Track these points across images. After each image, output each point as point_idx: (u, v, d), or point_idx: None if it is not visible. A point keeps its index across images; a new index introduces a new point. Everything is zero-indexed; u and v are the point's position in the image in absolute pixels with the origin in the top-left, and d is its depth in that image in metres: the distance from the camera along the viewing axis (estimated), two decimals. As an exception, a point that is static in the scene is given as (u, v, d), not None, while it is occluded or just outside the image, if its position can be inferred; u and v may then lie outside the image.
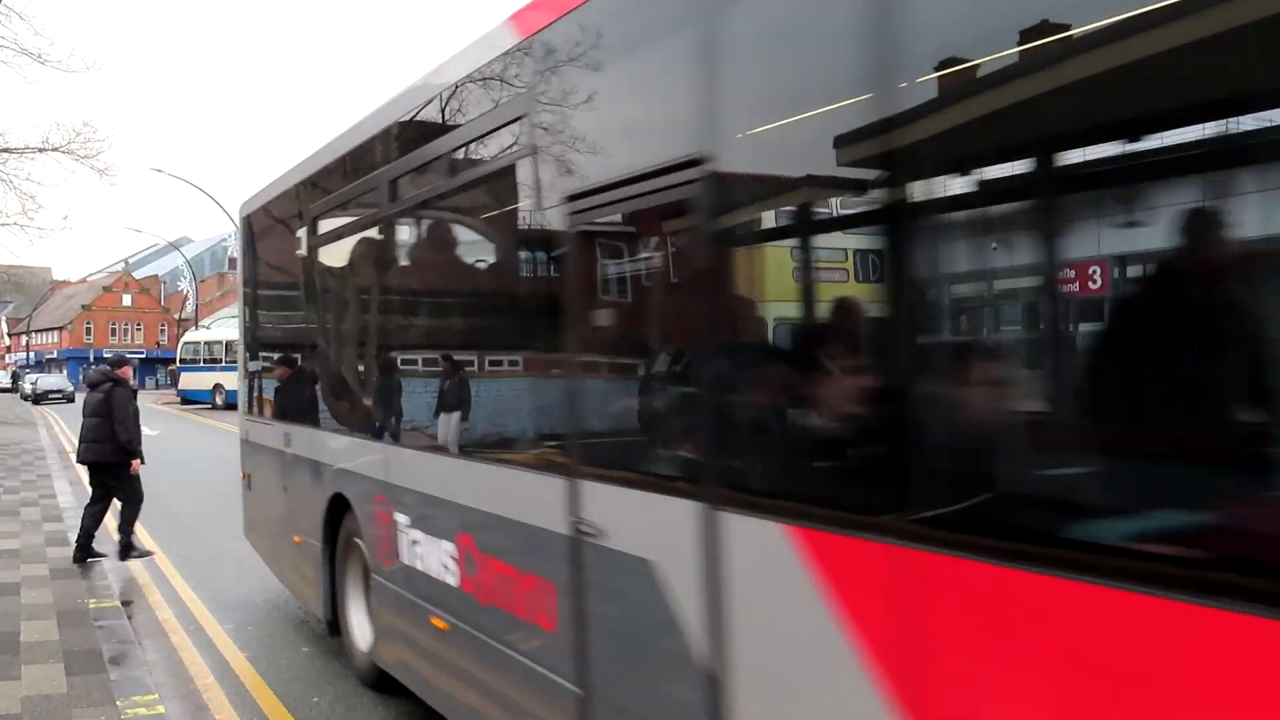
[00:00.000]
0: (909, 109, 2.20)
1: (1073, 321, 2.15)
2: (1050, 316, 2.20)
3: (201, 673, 6.02)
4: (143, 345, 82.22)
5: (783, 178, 2.72)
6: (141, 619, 7.36)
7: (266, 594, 8.07)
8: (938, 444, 2.16)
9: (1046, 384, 2.19)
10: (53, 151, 23.73)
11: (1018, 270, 2.30)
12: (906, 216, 2.25)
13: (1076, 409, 2.06)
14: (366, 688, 5.61)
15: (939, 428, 2.16)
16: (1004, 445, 2.11)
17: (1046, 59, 1.95)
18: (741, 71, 2.70)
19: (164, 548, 10.14)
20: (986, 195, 2.22)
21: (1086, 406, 2.02)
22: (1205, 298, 1.81)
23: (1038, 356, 2.27)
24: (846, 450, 2.55)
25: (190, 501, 13.59)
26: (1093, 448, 1.92)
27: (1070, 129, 1.97)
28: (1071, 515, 1.92)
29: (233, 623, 7.17)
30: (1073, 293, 2.04)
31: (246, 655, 6.36)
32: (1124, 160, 1.95)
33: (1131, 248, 1.99)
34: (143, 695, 5.42)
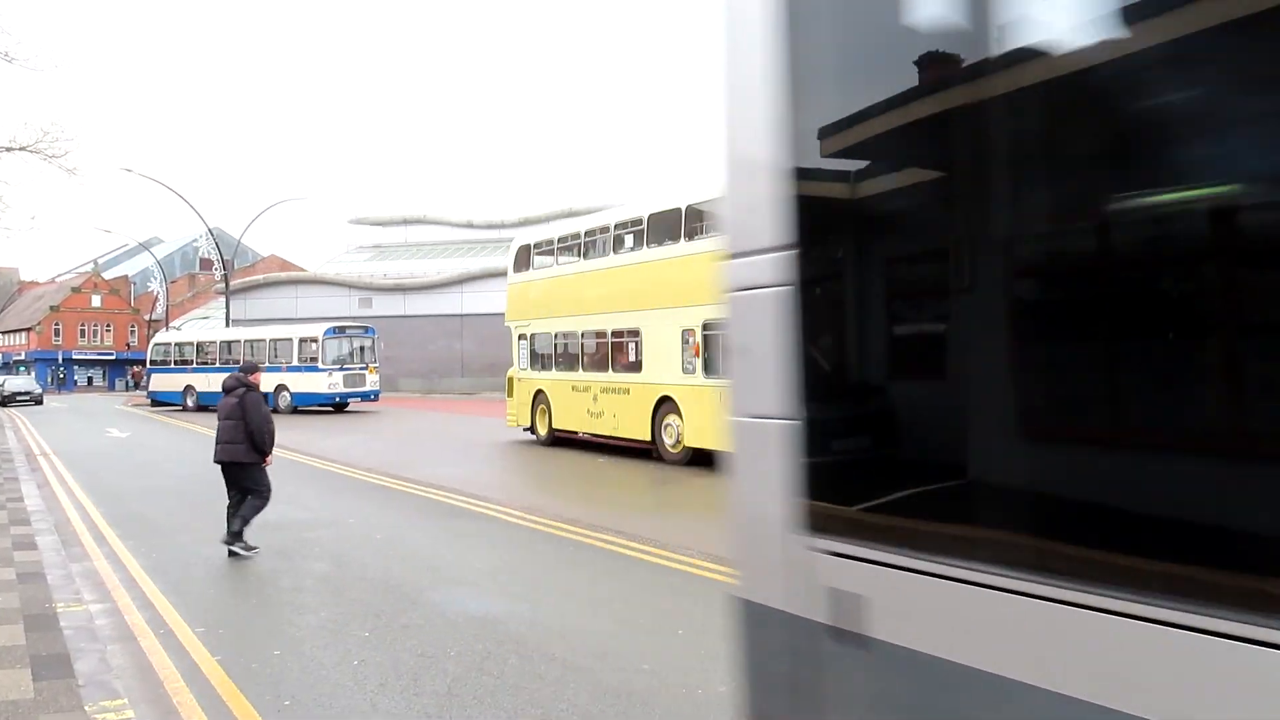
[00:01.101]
0: None
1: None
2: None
3: (171, 676, 5.95)
4: (112, 347, 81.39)
5: None
6: (110, 623, 7.27)
7: (238, 596, 8.01)
8: None
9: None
10: (20, 151, 23.46)
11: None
12: None
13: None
14: (341, 686, 5.59)
15: None
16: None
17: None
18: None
19: (133, 551, 10.04)
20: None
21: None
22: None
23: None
24: None
25: (160, 504, 13.45)
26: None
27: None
28: None
29: (204, 626, 7.09)
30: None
31: (218, 659, 6.29)
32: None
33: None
34: (111, 700, 5.35)
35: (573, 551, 9.80)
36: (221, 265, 51.63)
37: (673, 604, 7.66)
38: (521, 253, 22.81)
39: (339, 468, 17.49)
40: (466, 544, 10.34)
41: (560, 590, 8.15)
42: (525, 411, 22.19)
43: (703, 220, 16.41)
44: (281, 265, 76.03)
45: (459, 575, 8.78)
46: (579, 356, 20.15)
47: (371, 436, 25.37)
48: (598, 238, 19.61)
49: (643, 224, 17.83)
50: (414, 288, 55.55)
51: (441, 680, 5.78)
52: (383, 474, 16.28)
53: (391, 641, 6.61)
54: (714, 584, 8.24)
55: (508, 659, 6.15)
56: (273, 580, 8.63)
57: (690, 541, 9.97)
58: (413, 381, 52.42)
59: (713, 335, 15.59)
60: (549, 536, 10.59)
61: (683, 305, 16.31)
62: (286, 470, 17.59)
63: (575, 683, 5.69)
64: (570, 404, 20.24)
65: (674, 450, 16.63)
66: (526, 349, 22.27)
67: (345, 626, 7.05)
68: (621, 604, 7.74)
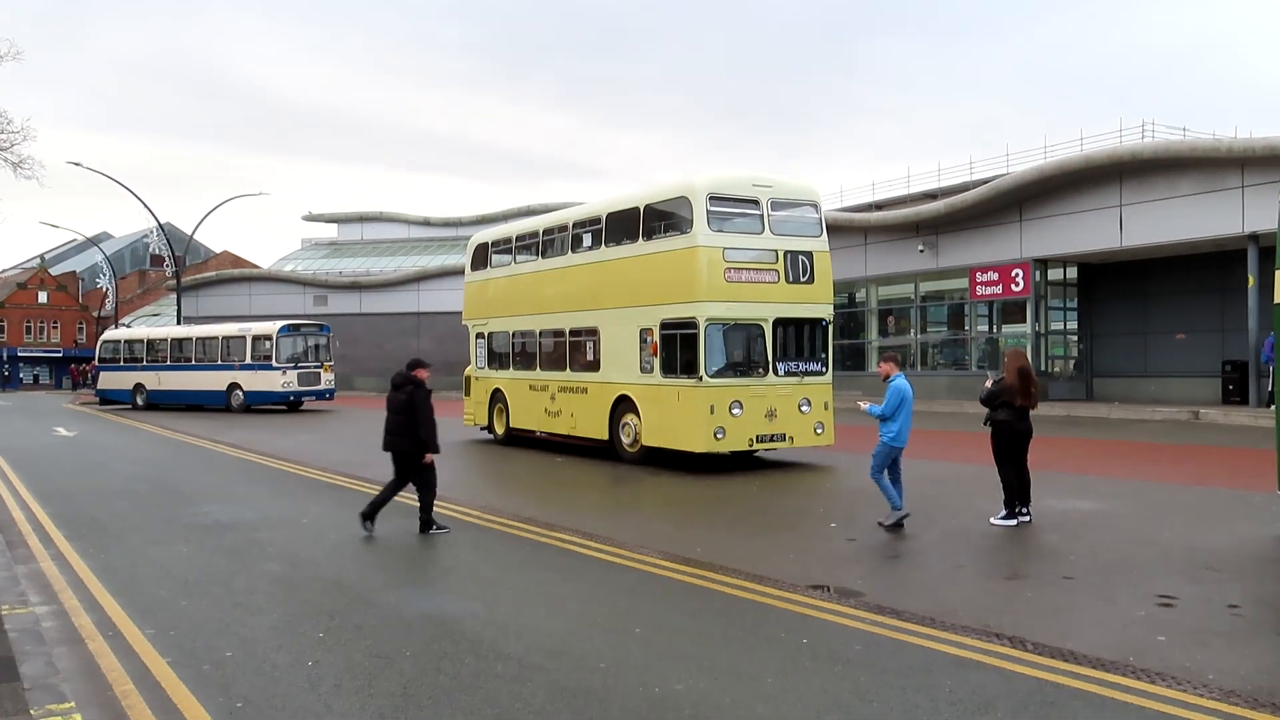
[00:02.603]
0: None
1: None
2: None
3: (120, 679, 5.86)
4: (59, 344, 79.86)
5: None
6: (57, 625, 7.14)
7: (189, 598, 7.90)
8: None
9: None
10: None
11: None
12: None
13: None
14: (293, 686, 5.53)
15: None
16: None
17: None
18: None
19: (81, 552, 9.86)
20: None
21: None
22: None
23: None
24: None
25: (109, 505, 13.24)
26: None
27: None
28: None
29: (154, 628, 6.99)
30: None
31: (168, 660, 6.20)
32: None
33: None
34: (59, 704, 5.26)
35: (529, 551, 9.78)
36: (173, 261, 50.85)
37: (630, 603, 7.67)
38: (479, 251, 22.72)
39: (293, 467, 17.31)
40: (422, 543, 10.28)
41: (517, 590, 8.13)
42: (482, 410, 22.11)
43: (661, 220, 16.44)
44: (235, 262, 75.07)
45: (415, 575, 8.73)
46: (537, 355, 20.11)
47: (326, 435, 25.13)
48: (556, 236, 19.58)
49: (601, 223, 17.83)
50: (370, 286, 55.10)
51: (397, 681, 5.75)
52: (337, 473, 16.14)
53: (346, 642, 6.56)
54: (671, 583, 8.26)
55: (463, 659, 6.13)
56: (224, 581, 8.52)
57: (647, 540, 9.99)
58: (369, 380, 51.99)
59: (671, 335, 15.62)
60: (505, 536, 10.56)
61: (641, 305, 16.34)
62: (239, 469, 17.38)
63: (532, 681, 5.68)
64: (528, 403, 20.19)
65: (631, 449, 16.64)
66: (484, 348, 22.18)
67: (299, 627, 6.99)
68: (578, 603, 7.74)
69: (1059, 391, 30.23)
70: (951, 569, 8.68)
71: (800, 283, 15.89)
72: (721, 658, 6.11)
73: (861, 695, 5.40)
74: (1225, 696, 5.27)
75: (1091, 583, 7.98)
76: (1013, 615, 7.04)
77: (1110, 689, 5.42)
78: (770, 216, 15.75)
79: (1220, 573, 8.24)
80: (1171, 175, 26.50)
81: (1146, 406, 26.92)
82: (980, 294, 31.98)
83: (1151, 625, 6.72)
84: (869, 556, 9.28)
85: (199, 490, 14.57)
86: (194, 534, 10.86)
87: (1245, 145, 24.76)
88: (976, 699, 5.30)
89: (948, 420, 26.09)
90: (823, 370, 16.24)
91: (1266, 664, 5.91)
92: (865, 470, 15.65)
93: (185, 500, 13.47)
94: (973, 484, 13.39)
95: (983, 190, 31.05)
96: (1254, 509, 11.29)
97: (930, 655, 6.09)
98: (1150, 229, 27.08)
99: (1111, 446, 19.16)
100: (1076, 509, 11.55)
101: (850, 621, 6.90)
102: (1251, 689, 5.39)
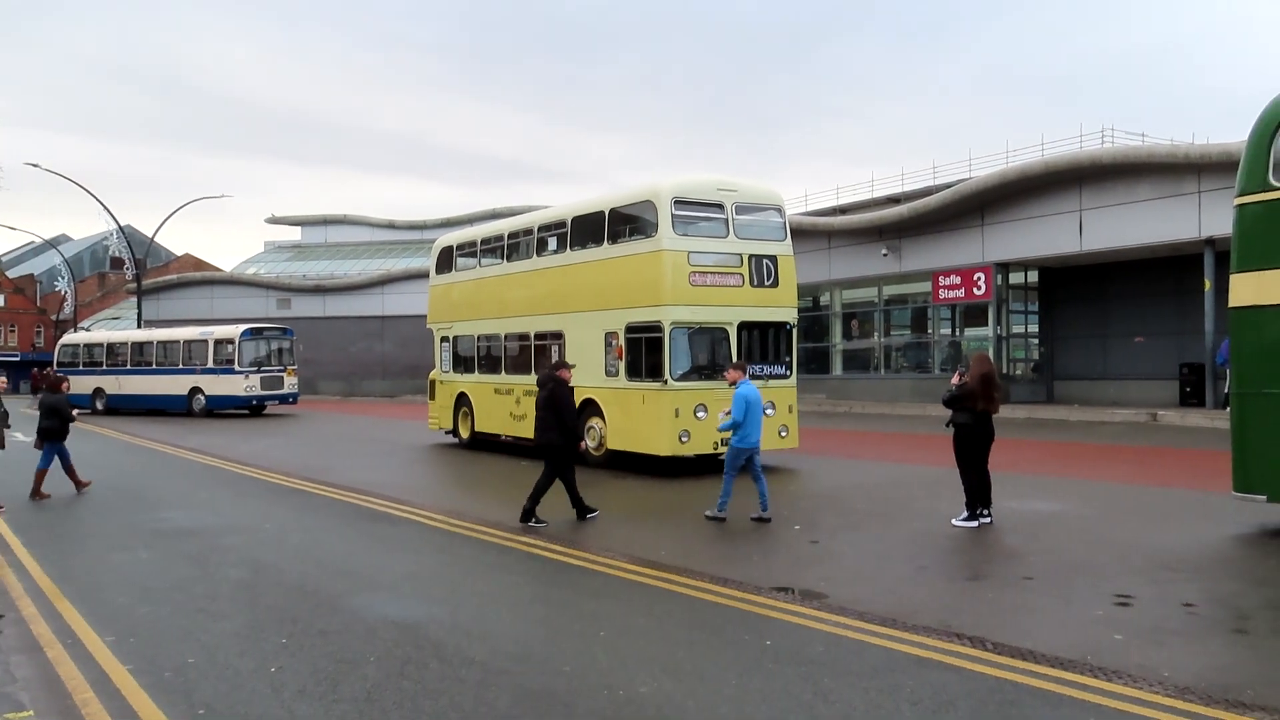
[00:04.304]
0: None
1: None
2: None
3: (80, 687, 5.79)
4: (17, 348, 78.65)
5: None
6: (16, 633, 7.04)
7: (150, 604, 7.82)
8: None
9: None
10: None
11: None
12: None
13: None
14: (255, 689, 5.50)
15: None
16: None
17: None
18: None
19: (40, 559, 9.73)
20: None
21: None
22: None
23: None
24: None
25: (67, 511, 13.08)
26: None
27: None
28: None
29: (114, 635, 6.92)
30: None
31: (129, 668, 6.14)
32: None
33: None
34: (17, 712, 5.20)
35: (495, 555, 9.76)
36: (133, 264, 50.23)
37: (595, 606, 7.68)
38: (444, 254, 22.64)
39: (255, 472, 17.16)
40: (386, 548, 10.24)
41: (481, 594, 8.12)
42: (447, 414, 22.02)
43: (627, 224, 16.47)
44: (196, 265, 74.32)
45: (379, 580, 8.69)
46: (502, 359, 20.07)
47: (289, 440, 24.93)
48: (521, 240, 19.55)
49: (566, 226, 17.83)
50: (334, 289, 54.72)
51: (361, 686, 5.73)
52: (301, 478, 16.02)
53: (309, 648, 6.53)
54: (636, 586, 8.28)
55: (428, 663, 6.12)
56: (186, 587, 8.44)
57: (612, 544, 10.01)
58: (333, 384, 51.62)
59: (636, 338, 15.65)
60: (470, 540, 10.54)
61: (606, 308, 16.36)
62: (201, 474, 17.20)
63: (496, 686, 5.68)
64: (493, 407, 20.14)
65: (596, 453, 16.65)
66: (449, 351, 22.11)
67: (261, 633, 6.94)
68: (543, 607, 7.75)
69: (1020, 394, 30.58)
70: (914, 570, 8.77)
71: (764, 286, 15.98)
72: (685, 660, 6.14)
73: (824, 696, 5.45)
74: (1180, 694, 5.37)
75: (1051, 583, 8.09)
76: (973, 615, 7.13)
77: (1068, 687, 5.50)
78: (735, 220, 15.83)
79: (1176, 572, 8.39)
80: (1130, 180, 26.90)
81: (1106, 408, 27.30)
82: (943, 297, 32.29)
83: (1109, 624, 6.83)
84: (832, 558, 9.35)
85: (160, 496, 14.41)
86: (155, 540, 10.75)
87: (1202, 151, 25.19)
88: (937, 699, 5.37)
89: (911, 423, 26.32)
90: (787, 374, 16.33)
91: (1221, 662, 6.03)
92: (829, 474, 15.79)
93: (146, 506, 13.32)
94: (935, 486, 13.52)
95: (945, 195, 31.37)
96: (1210, 509, 11.49)
97: (892, 656, 6.16)
98: (1109, 233, 27.47)
99: (1071, 448, 19.41)
100: (1037, 510, 11.70)
101: (813, 623, 6.95)
102: (1206, 686, 5.49)
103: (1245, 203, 10.01)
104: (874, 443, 21.48)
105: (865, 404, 32.64)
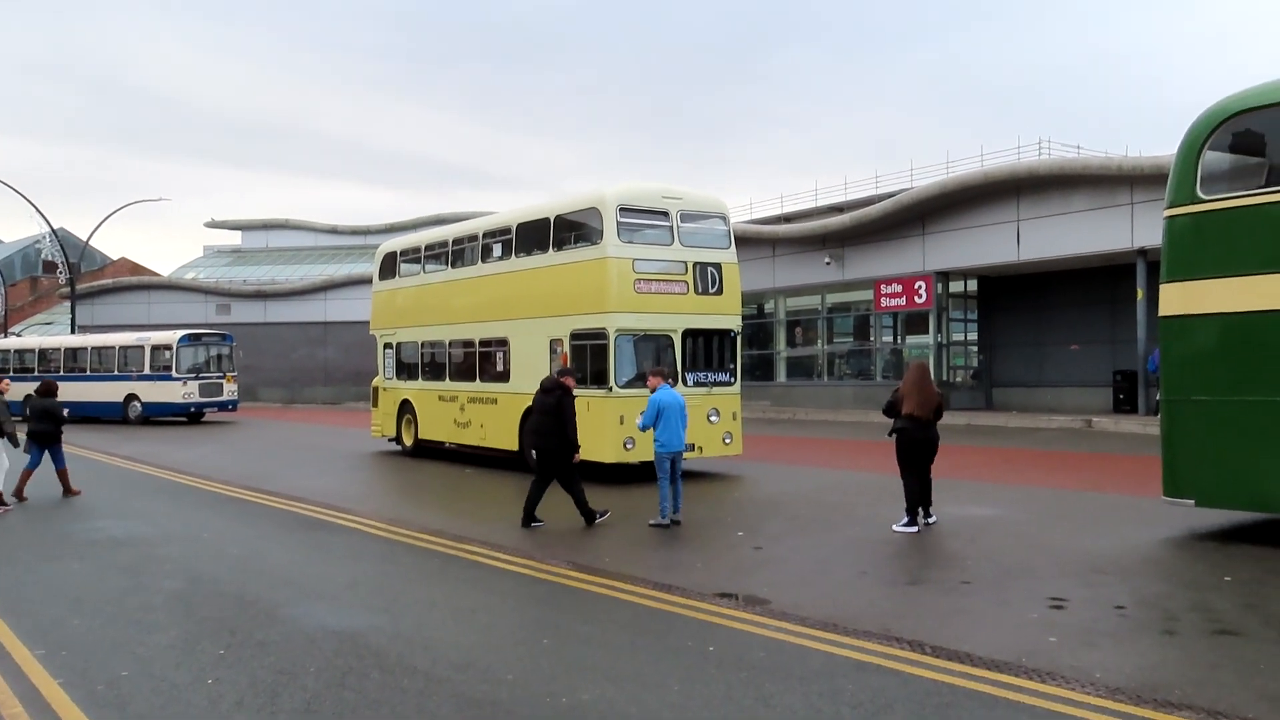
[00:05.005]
0: None
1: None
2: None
3: (9, 701, 5.65)
4: (-57, 354, 76.40)
5: None
6: (-60, 647, 6.85)
7: (82, 616, 7.65)
8: None
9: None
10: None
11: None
12: None
13: None
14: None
15: None
16: None
17: None
18: None
19: (-34, 570, 9.48)
20: None
21: None
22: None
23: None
24: None
25: (-3, 520, 12.74)
26: None
27: None
28: None
29: (44, 648, 6.76)
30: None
31: (60, 681, 6.00)
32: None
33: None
34: (-59, 729, 5.06)
35: (438, 563, 9.70)
36: (66, 268, 49.12)
37: (539, 614, 7.67)
38: (387, 260, 22.46)
39: (193, 480, 16.87)
40: (327, 558, 10.13)
41: (424, 602, 8.07)
42: (390, 422, 21.83)
43: (572, 231, 16.47)
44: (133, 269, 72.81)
45: (319, 590, 8.59)
46: (446, 366, 19.95)
47: (228, 448, 24.53)
48: (466, 246, 19.47)
49: (511, 233, 17.78)
50: (275, 294, 53.97)
51: (300, 697, 5.66)
52: (240, 487, 15.77)
53: (248, 659, 6.44)
54: (580, 593, 8.29)
55: (369, 673, 6.07)
56: (119, 599, 8.27)
57: (557, 551, 10.00)
58: (274, 391, 50.86)
59: (581, 345, 15.65)
60: (413, 549, 10.46)
61: (551, 315, 16.34)
62: (136, 483, 16.87)
63: (438, 695, 5.65)
64: (437, 414, 20.00)
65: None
66: (392, 358, 21.92)
67: (198, 645, 6.83)
68: (486, 615, 7.72)
69: (960, 401, 31.04)
70: (855, 575, 8.87)
71: (709, 294, 16.07)
72: (629, 667, 6.16)
73: (766, 701, 5.50)
74: (1111, 694, 5.50)
75: (988, 587, 8.24)
76: (912, 620, 7.23)
77: (1003, 689, 5.61)
78: (680, 228, 15.91)
79: (1108, 575, 8.58)
80: (1066, 191, 27.47)
81: (1043, 415, 27.83)
82: (885, 305, 32.69)
83: (1043, 627, 6.97)
84: (775, 564, 9.43)
85: (93, 506, 14.11)
86: (88, 551, 10.52)
87: (1134, 164, 25.81)
88: (877, 702, 5.44)
89: (853, 430, 26.61)
90: (731, 381, 16.43)
91: (1149, 661, 6.19)
92: (773, 480, 15.92)
93: (78, 516, 13.03)
94: (876, 492, 13.69)
95: (887, 204, 31.79)
96: (1141, 513, 11.77)
97: (833, 660, 6.23)
98: (1046, 243, 28.02)
99: (1009, 454, 19.77)
100: (975, 515, 11.89)
101: (756, 629, 7.01)
102: (1135, 686, 5.63)
103: (1174, 215, 10.28)
104: (817, 449, 21.68)
105: (809, 411, 32.92)
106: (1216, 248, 9.97)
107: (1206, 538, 10.30)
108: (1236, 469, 9.93)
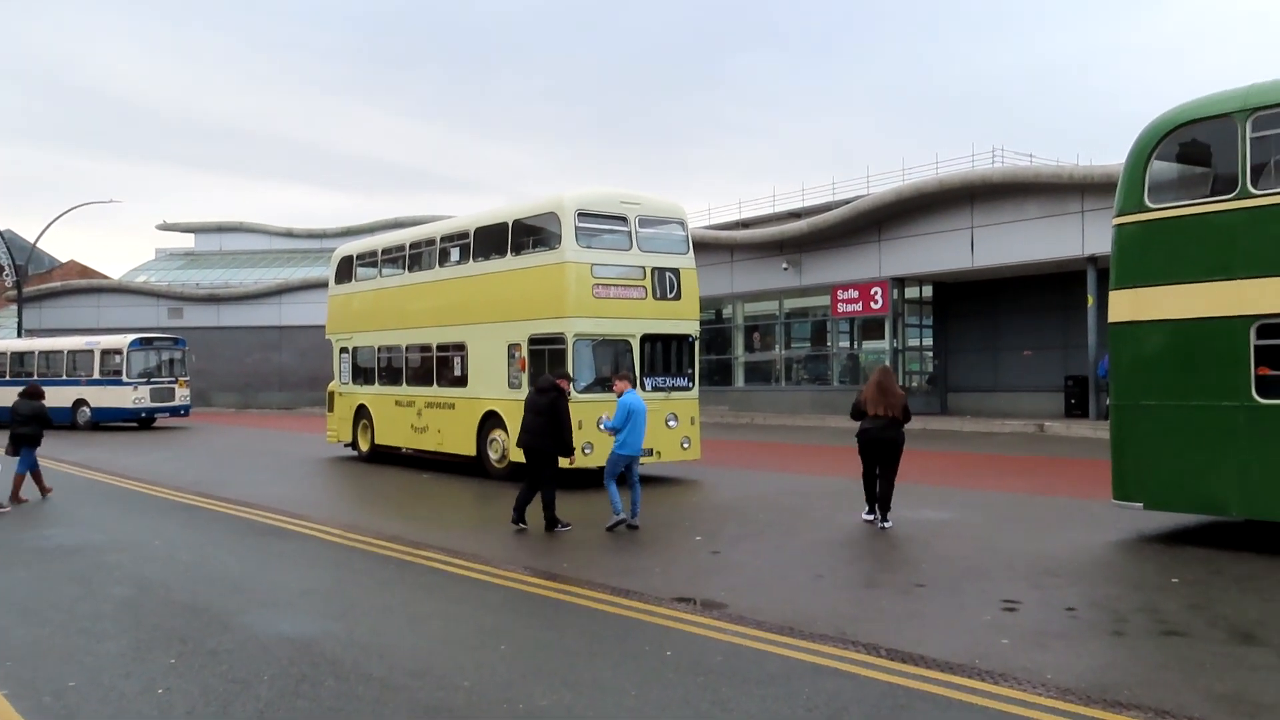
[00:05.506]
0: None
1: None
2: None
3: (-49, 714, 5.54)
4: (-115, 357, 74.60)
5: None
6: (-120, 658, 6.69)
7: (28, 625, 7.51)
8: None
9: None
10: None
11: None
12: None
13: None
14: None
15: None
16: None
17: None
18: None
19: (-92, 579, 9.26)
20: None
21: None
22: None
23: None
24: None
25: (-60, 528, 12.45)
26: None
27: None
28: None
29: (-11, 658, 6.62)
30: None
31: (4, 693, 5.88)
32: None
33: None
34: (-120, 742, 4.94)
35: (394, 570, 9.63)
36: (13, 271, 48.20)
37: (495, 620, 7.64)
38: (344, 263, 22.28)
39: (144, 487, 16.60)
40: (281, 564, 10.01)
41: (379, 609, 8.00)
42: (346, 427, 21.64)
43: (530, 235, 16.44)
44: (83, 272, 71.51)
45: (273, 597, 8.50)
46: (403, 371, 19.81)
47: (181, 453, 24.18)
48: (423, 250, 19.36)
49: (469, 237, 17.72)
50: (229, 298, 53.29)
51: (253, 705, 5.59)
52: (192, 493, 15.55)
53: (200, 668, 6.34)
54: (537, 599, 8.26)
55: (324, 681, 6.01)
56: (68, 607, 8.12)
57: (514, 557, 9.97)
58: (227, 396, 50.23)
59: (539, 350, 15.62)
60: (369, 555, 10.37)
61: (509, 320, 16.29)
62: (85, 490, 16.57)
63: (393, 702, 5.61)
64: (394, 419, 19.86)
65: (499, 465, 16.55)
66: (348, 362, 21.74)
67: (149, 653, 6.72)
68: (442, 621, 7.67)
69: (915, 405, 31.03)
70: (811, 579, 8.93)
71: (667, 299, 16.12)
72: (586, 672, 6.15)
73: (723, 705, 5.51)
74: (1062, 695, 5.58)
75: (942, 590, 8.33)
76: (868, 623, 7.29)
77: (957, 691, 5.67)
78: (638, 233, 15.94)
79: (1059, 577, 8.71)
80: (1019, 199, 27.88)
81: (996, 420, 28.19)
82: (841, 311, 32.97)
83: (996, 629, 7.06)
84: (733, 569, 9.46)
85: (40, 512, 13.84)
86: (34, 558, 10.32)
87: (1085, 172, 26.26)
88: (832, 705, 5.48)
89: (811, 434, 26.78)
90: (689, 386, 16.48)
91: (1099, 662, 6.29)
92: (731, 484, 15.98)
93: (24, 523, 12.78)
94: (834, 496, 13.79)
95: (843, 211, 32.07)
96: (1092, 516, 11.96)
97: (789, 664, 6.27)
98: (999, 250, 28.41)
99: (963, 458, 19.99)
100: (930, 519, 12.02)
101: (713, 633, 7.03)
102: (1086, 686, 5.72)
103: (1123, 223, 10.48)
104: (775, 454, 21.80)
105: (767, 415, 33.10)
106: (1163, 255, 10.18)
107: (1154, 540, 10.49)
108: (1183, 472, 10.13)
